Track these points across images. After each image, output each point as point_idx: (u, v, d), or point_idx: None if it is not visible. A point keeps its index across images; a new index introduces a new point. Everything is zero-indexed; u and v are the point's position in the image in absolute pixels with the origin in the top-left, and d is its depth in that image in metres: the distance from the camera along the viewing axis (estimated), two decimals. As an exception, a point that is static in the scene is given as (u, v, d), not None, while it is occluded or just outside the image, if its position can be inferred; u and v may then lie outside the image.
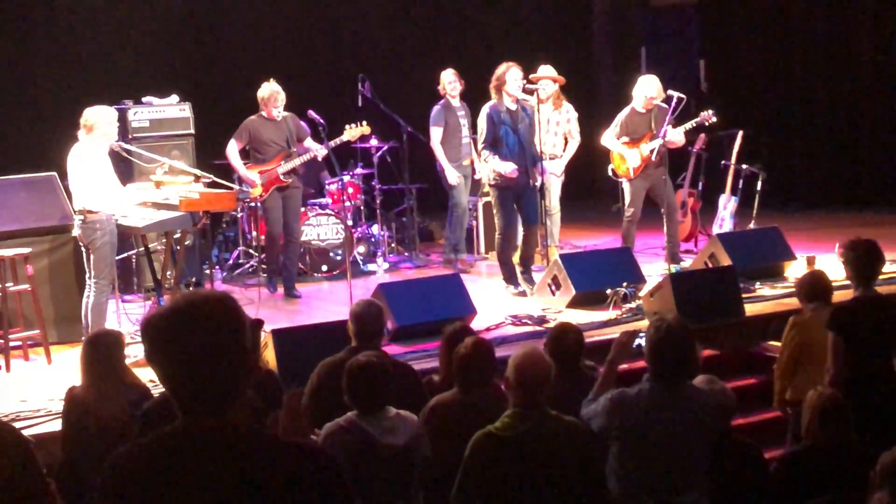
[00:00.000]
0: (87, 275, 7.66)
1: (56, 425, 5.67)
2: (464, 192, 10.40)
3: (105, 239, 7.57)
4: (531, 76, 9.78)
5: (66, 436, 5.29)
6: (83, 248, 7.68)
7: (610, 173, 10.12)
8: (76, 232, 7.73)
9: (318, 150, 9.54)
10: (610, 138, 9.91)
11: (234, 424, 2.29)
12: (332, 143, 9.55)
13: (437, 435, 4.78)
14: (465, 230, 10.66)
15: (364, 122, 9.82)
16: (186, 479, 2.25)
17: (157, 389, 5.39)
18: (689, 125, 9.90)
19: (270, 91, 9.36)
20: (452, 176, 10.21)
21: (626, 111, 9.94)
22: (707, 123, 9.95)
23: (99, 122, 7.57)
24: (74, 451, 5.19)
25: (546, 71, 10.24)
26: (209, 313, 2.28)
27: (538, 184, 9.11)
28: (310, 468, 2.30)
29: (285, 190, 9.50)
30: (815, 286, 6.26)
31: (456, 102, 10.35)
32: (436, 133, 10.26)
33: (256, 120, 9.48)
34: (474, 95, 10.06)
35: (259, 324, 5.62)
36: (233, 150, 9.45)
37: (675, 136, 9.73)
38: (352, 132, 9.76)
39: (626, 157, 9.76)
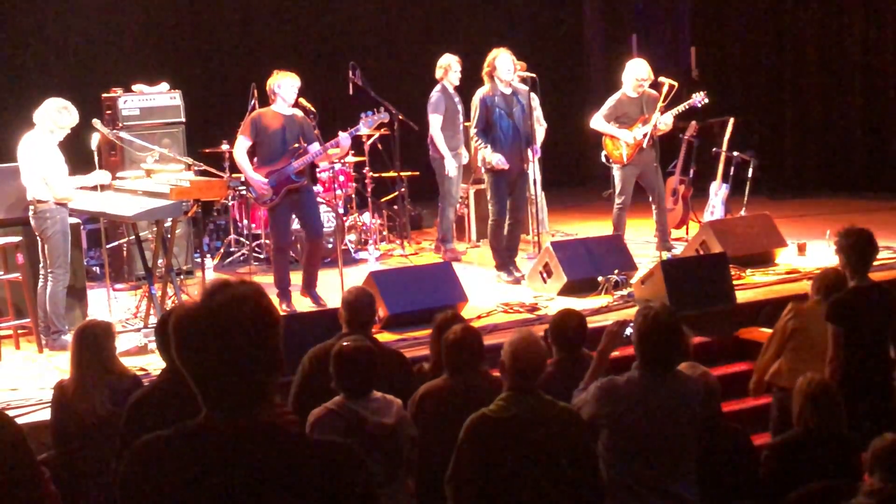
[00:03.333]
0: (41, 264, 7.68)
1: (47, 414, 5.65)
2: (457, 182, 10.33)
3: (56, 228, 7.57)
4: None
5: (54, 428, 5.29)
6: (38, 239, 7.68)
7: (603, 159, 10.10)
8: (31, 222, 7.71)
9: (314, 152, 8.42)
10: (599, 121, 9.88)
11: (264, 422, 2.25)
12: (347, 135, 8.54)
13: (428, 422, 4.80)
14: (456, 218, 10.64)
15: (382, 109, 8.98)
16: (211, 475, 2.19)
17: (148, 379, 5.38)
18: (681, 107, 9.88)
19: (276, 79, 8.38)
20: (451, 167, 10.09)
21: (616, 96, 9.92)
22: (700, 105, 9.92)
23: (51, 114, 7.56)
24: (63, 443, 5.19)
25: None
26: (243, 312, 2.22)
27: (532, 167, 9.09)
28: (338, 464, 2.26)
29: (297, 192, 8.42)
30: (831, 283, 6.12)
31: (452, 89, 10.19)
32: (436, 120, 10.03)
33: (264, 113, 8.49)
34: (464, 82, 10.04)
35: None
36: (240, 149, 8.39)
37: (665, 120, 9.70)
38: (368, 121, 8.80)
39: (619, 138, 9.71)
